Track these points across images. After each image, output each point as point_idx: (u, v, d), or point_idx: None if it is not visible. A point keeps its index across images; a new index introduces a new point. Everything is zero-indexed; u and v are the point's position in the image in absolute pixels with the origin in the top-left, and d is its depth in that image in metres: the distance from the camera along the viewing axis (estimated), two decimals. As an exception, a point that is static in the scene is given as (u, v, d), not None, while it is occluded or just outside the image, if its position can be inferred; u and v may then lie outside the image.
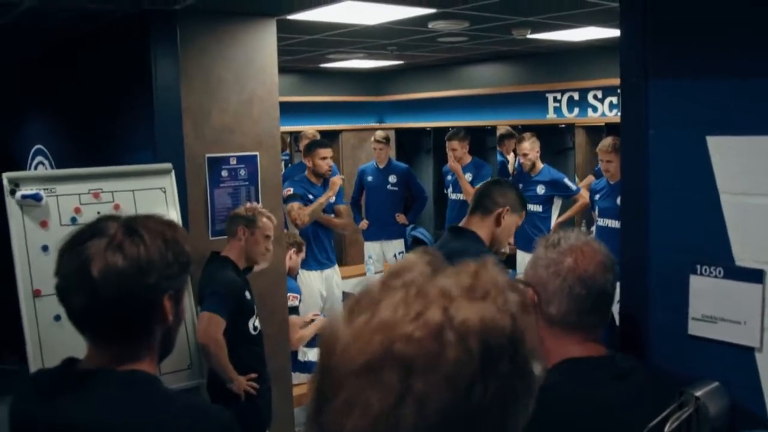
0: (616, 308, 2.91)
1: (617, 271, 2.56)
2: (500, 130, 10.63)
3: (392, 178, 9.97)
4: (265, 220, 5.09)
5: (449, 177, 9.73)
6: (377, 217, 9.86)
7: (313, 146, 7.93)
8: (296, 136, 11.08)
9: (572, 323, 2.41)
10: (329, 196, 7.50)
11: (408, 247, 9.28)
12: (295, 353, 6.30)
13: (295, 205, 7.39)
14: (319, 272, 8.12)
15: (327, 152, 7.86)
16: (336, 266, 8.37)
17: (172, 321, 2.24)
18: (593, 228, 7.37)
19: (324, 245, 7.99)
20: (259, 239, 4.97)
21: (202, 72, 5.41)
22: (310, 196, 7.65)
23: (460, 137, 9.22)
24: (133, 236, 2.17)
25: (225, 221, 5.34)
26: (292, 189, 7.59)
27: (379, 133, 9.99)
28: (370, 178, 10.11)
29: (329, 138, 10.86)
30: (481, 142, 10.91)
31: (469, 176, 9.28)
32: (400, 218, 9.82)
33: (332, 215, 8.04)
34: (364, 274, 9.50)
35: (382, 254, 9.79)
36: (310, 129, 10.13)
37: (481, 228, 3.98)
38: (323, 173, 7.78)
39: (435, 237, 10.09)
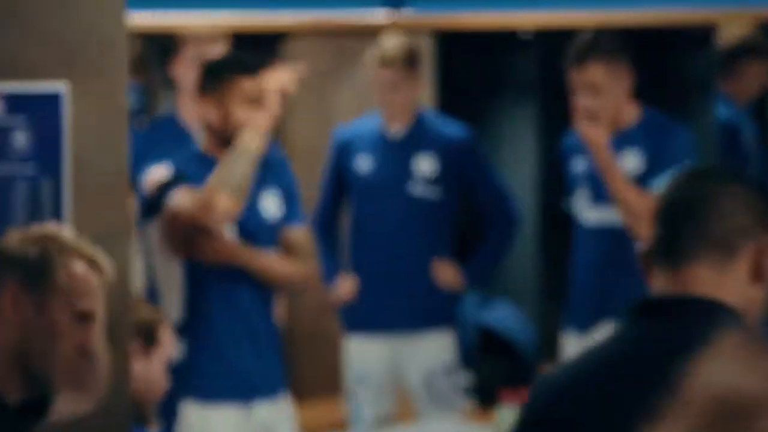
0: None
1: None
2: (725, 37, 6.00)
3: (424, 164, 5.25)
4: (75, 266, 2.66)
5: (579, 163, 4.97)
6: (383, 267, 5.22)
7: (221, 72, 4.49)
8: (167, 43, 5.65)
9: None
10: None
11: (468, 360, 5.30)
12: None
13: (184, 192, 4.42)
14: (235, 410, 4.38)
15: (256, 86, 4.48)
16: (282, 396, 4.50)
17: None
18: None
19: (245, 335, 4.46)
20: (57, 318, 2.61)
21: None
22: None
23: (608, 54, 4.77)
24: None
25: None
26: (163, 168, 4.58)
27: (392, 44, 5.29)
28: (365, 163, 5.28)
29: (258, 51, 6.21)
30: (660, 66, 5.81)
31: (633, 159, 4.83)
32: (445, 272, 5.24)
33: (269, 251, 4.46)
34: (345, 427, 4.99)
35: (393, 372, 5.22)
36: (206, 25, 5.39)
37: (725, 291, 2.20)
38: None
39: (543, 327, 5.74)
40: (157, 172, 4.26)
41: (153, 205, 4.23)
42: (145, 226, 4.32)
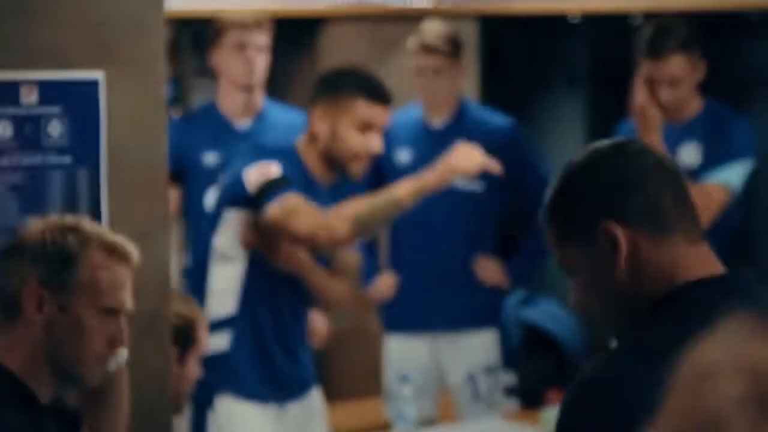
0: None
1: None
2: None
3: None
4: (98, 258, 2.58)
5: None
6: (423, 266, 5.07)
7: (341, 87, 4.19)
8: (204, 30, 5.44)
9: None
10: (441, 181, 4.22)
11: (512, 359, 5.18)
12: None
13: (296, 200, 4.09)
14: (271, 409, 4.31)
15: (379, 111, 4.17)
16: (314, 393, 4.46)
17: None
18: None
19: (286, 336, 4.38)
20: (82, 316, 2.54)
21: None
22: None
23: (687, 44, 4.53)
24: None
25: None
26: (275, 166, 4.18)
27: (434, 30, 5.03)
28: (405, 154, 5.10)
29: (296, 36, 5.78)
30: (723, 55, 5.58)
31: (692, 151, 4.66)
32: (488, 269, 5.11)
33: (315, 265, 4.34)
34: (386, 427, 4.79)
35: (435, 372, 5.17)
36: (246, 11, 5.09)
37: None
38: (354, 168, 4.26)
39: (590, 326, 5.56)
40: (265, 169, 4.09)
41: (249, 198, 4.09)
42: (226, 214, 4.21)
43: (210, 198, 4.67)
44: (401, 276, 5.08)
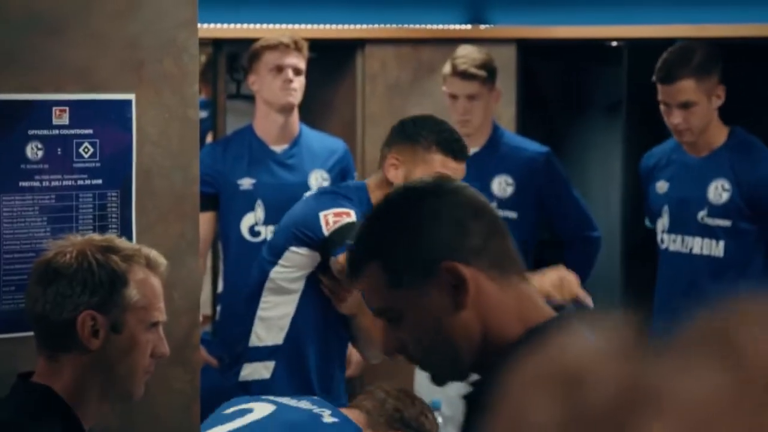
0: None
1: None
2: None
3: (500, 183, 5.09)
4: (140, 274, 2.63)
5: (659, 185, 4.82)
6: None
7: (418, 134, 4.07)
8: (236, 55, 6.03)
9: None
10: None
11: None
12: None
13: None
14: None
15: (455, 167, 4.05)
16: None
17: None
18: None
19: (326, 368, 4.39)
20: (134, 334, 2.60)
21: None
22: None
23: (699, 69, 4.55)
24: None
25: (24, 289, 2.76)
26: (352, 212, 4.00)
27: (470, 54, 5.02)
28: None
29: (336, 58, 5.80)
30: (757, 82, 5.73)
31: (722, 184, 4.67)
32: None
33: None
34: None
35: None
36: (277, 34, 5.19)
37: None
38: None
39: None
40: (342, 214, 4.00)
41: (321, 240, 3.97)
42: (293, 248, 4.11)
43: (253, 222, 4.65)
44: None
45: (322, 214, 3.93)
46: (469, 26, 5.91)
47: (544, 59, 5.97)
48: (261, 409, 3.23)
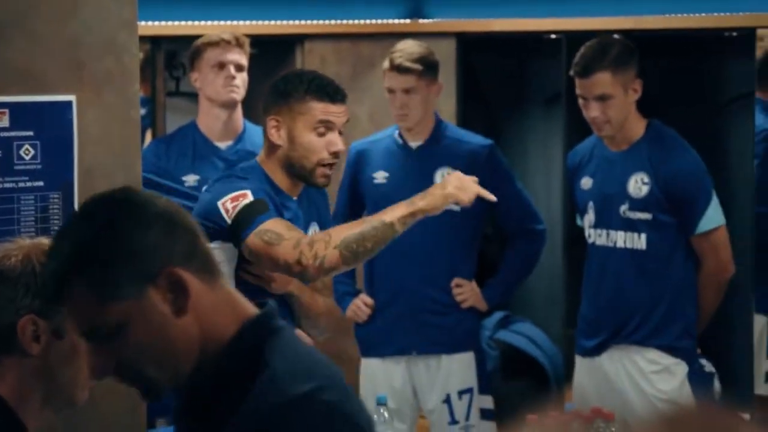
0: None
1: None
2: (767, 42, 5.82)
3: (445, 176, 4.67)
4: None
5: (584, 181, 4.92)
6: (401, 288, 5.12)
7: (291, 89, 4.00)
8: (175, 52, 6.09)
9: None
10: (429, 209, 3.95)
11: (488, 378, 5.18)
12: None
13: (276, 225, 3.80)
14: None
15: (334, 110, 3.96)
16: None
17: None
18: None
19: None
20: (76, 340, 2.53)
21: None
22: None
23: (607, 63, 4.64)
24: None
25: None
26: (249, 191, 3.87)
27: (407, 48, 5.04)
28: (382, 175, 5.31)
29: (276, 55, 5.89)
30: (696, 73, 5.56)
31: (642, 178, 4.75)
32: (467, 292, 5.09)
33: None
34: None
35: (411, 396, 5.16)
36: (217, 30, 5.27)
37: None
38: (320, 174, 3.95)
39: (565, 341, 5.55)
40: (238, 196, 3.91)
41: (228, 230, 3.89)
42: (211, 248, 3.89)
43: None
44: (377, 299, 5.07)
45: (220, 203, 3.85)
46: (408, 21, 5.97)
47: (483, 52, 6.01)
48: None
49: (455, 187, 3.91)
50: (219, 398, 2.00)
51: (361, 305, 5.02)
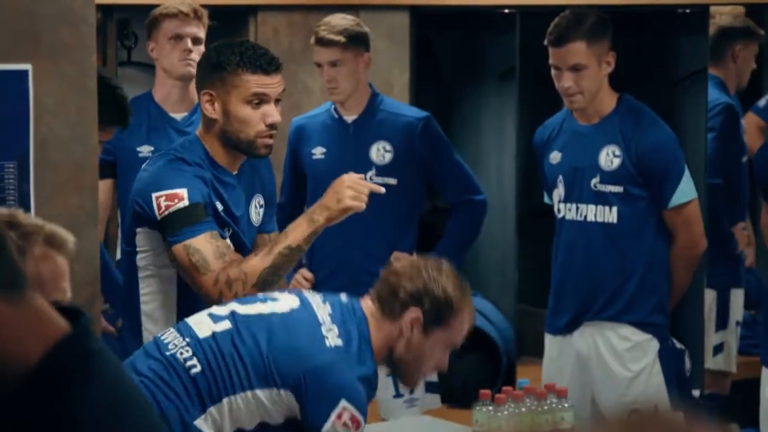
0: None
1: None
2: (720, 19, 6.03)
3: (381, 150, 5.16)
4: (40, 251, 2.56)
5: (553, 155, 4.89)
6: (341, 263, 5.19)
7: (222, 62, 3.88)
8: (127, 21, 6.02)
9: None
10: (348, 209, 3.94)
11: None
12: None
13: (204, 244, 3.75)
14: None
15: (268, 81, 3.89)
16: None
17: None
18: None
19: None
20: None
21: None
22: (220, 209, 3.89)
23: (589, 33, 4.66)
24: None
25: None
26: (186, 191, 3.76)
27: (331, 21, 5.07)
28: (320, 150, 5.26)
29: (229, 26, 5.74)
30: (652, 49, 5.63)
31: (613, 151, 4.75)
32: None
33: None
34: None
35: None
36: (175, 2, 5.11)
37: None
38: (258, 145, 3.86)
39: (522, 325, 5.68)
40: (173, 198, 3.79)
41: (157, 222, 3.77)
42: (141, 232, 3.85)
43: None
44: (317, 274, 5.08)
45: (154, 196, 3.74)
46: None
47: (437, 26, 6.03)
48: (286, 301, 3.31)
49: (350, 198, 3.87)
50: None
51: (302, 280, 4.99)
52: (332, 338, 3.29)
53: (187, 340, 3.17)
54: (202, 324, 3.21)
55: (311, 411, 3.23)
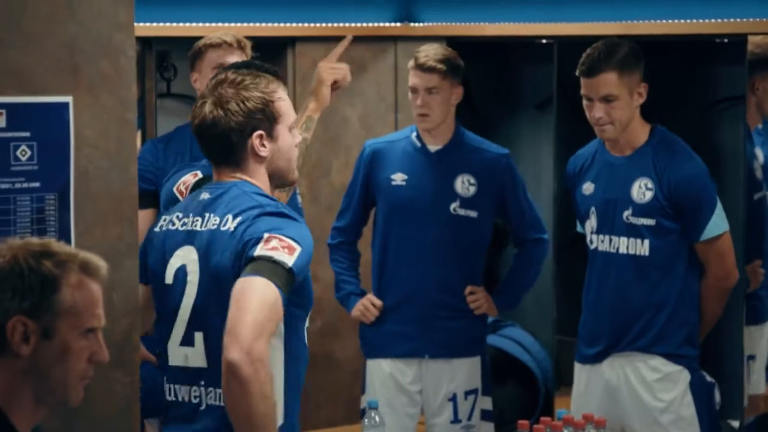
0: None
1: None
2: (754, 46, 5.68)
3: (466, 183, 5.08)
4: (75, 279, 2.55)
5: (585, 186, 4.88)
6: (413, 291, 5.07)
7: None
8: (165, 54, 6.18)
9: None
10: None
11: (488, 380, 5.12)
12: None
13: None
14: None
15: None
16: None
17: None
18: None
19: None
20: (67, 340, 2.53)
21: None
22: None
23: (613, 64, 4.61)
24: None
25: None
26: (199, 172, 3.90)
27: (432, 49, 5.07)
28: (400, 177, 5.16)
29: (268, 57, 5.48)
30: (688, 79, 5.64)
31: (646, 184, 4.73)
32: (479, 299, 5.09)
33: None
34: None
35: (416, 402, 5.13)
36: (218, 33, 5.08)
37: None
38: (287, 177, 3.52)
39: (558, 355, 5.68)
40: (189, 178, 3.96)
41: None
42: None
43: None
44: (386, 301, 5.06)
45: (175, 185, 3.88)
46: (399, 24, 5.97)
47: (474, 57, 6.00)
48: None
49: (329, 71, 4.35)
50: None
51: (370, 306, 5.01)
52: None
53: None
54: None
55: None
